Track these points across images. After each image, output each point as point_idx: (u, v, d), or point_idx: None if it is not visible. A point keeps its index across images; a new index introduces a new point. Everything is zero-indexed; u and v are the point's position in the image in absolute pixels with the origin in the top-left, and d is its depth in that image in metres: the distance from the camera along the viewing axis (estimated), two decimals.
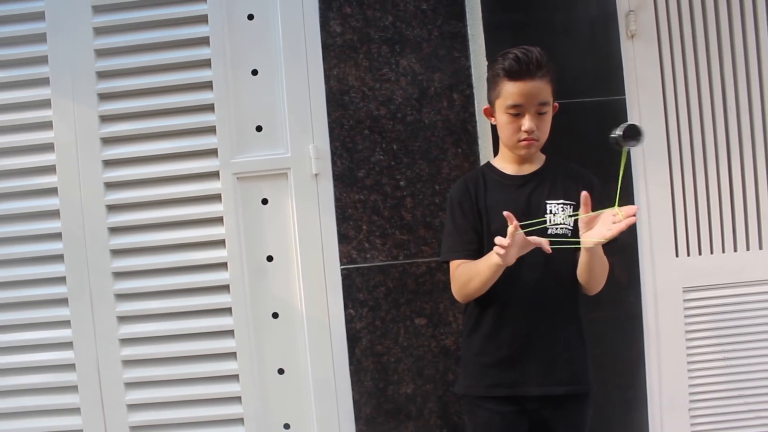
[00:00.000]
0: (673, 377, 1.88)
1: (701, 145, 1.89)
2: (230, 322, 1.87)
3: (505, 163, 1.52)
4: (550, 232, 1.42)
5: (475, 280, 1.42)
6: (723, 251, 1.89)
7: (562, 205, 1.44)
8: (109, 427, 1.89)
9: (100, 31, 1.88)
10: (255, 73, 1.90)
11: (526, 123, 1.41)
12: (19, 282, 1.90)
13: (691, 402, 1.89)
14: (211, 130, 1.88)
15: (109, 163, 1.90)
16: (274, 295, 1.89)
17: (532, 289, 1.43)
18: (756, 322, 1.88)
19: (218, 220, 1.88)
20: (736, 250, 1.89)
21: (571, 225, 1.43)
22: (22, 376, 1.90)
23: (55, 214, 1.89)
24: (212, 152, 1.88)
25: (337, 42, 1.87)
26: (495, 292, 1.43)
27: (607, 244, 1.31)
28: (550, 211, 1.44)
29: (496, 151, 1.59)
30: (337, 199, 1.87)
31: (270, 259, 1.90)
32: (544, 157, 1.52)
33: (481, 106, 1.73)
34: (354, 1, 1.87)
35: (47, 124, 1.89)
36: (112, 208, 1.89)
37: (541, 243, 1.27)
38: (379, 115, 1.87)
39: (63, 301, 1.89)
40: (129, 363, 1.89)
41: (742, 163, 1.88)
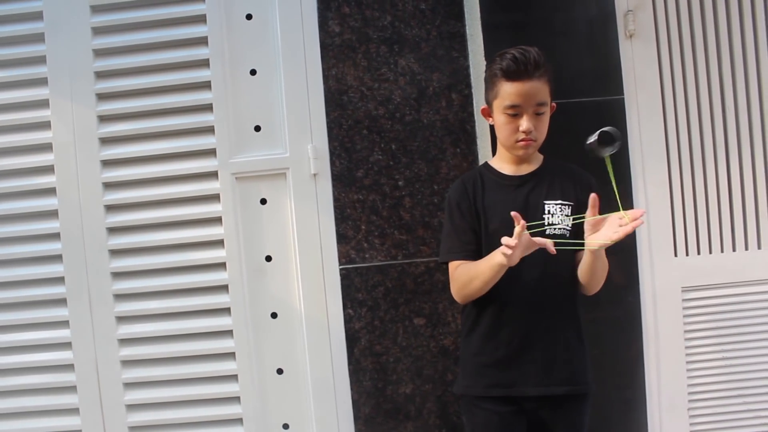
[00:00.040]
0: (672, 377, 1.88)
1: (700, 144, 1.89)
2: (229, 322, 1.87)
3: (502, 164, 1.52)
4: (548, 232, 1.41)
5: (476, 281, 1.41)
6: (722, 251, 1.89)
7: (560, 206, 1.44)
8: (108, 428, 1.89)
9: (98, 31, 1.88)
10: (253, 73, 1.89)
11: (524, 123, 1.41)
12: (18, 282, 1.90)
13: (690, 402, 1.89)
14: (209, 130, 1.88)
15: (108, 163, 1.90)
16: (272, 295, 1.89)
17: (531, 289, 1.43)
18: (755, 322, 1.88)
19: (217, 220, 1.88)
20: (734, 249, 1.89)
21: (569, 225, 1.42)
22: (21, 377, 1.90)
23: (53, 214, 1.89)
24: (211, 152, 1.88)
25: (336, 42, 1.87)
26: (494, 292, 1.42)
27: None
28: (548, 212, 1.44)
29: (495, 151, 1.59)
30: (336, 199, 1.87)
31: (269, 259, 1.90)
32: (541, 158, 1.52)
33: (479, 106, 1.73)
34: (352, 1, 1.87)
35: (45, 124, 1.89)
36: (111, 208, 1.89)
37: (546, 244, 1.28)
38: (378, 115, 1.87)
39: (62, 302, 1.89)
40: (128, 363, 1.89)
41: (740, 163, 1.88)
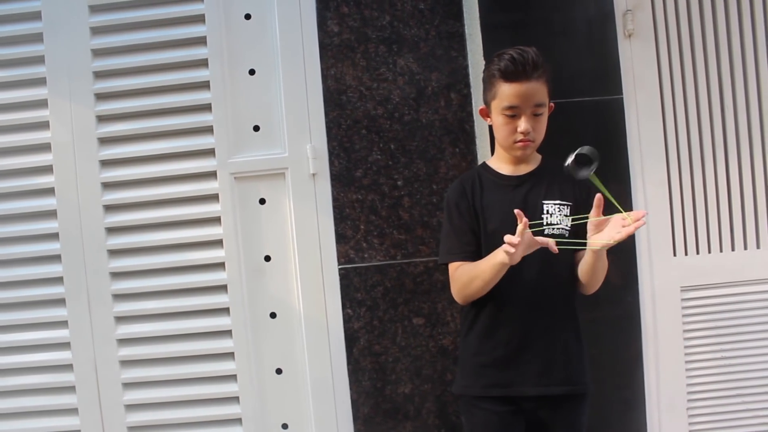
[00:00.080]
0: (671, 377, 1.87)
1: (699, 144, 1.89)
2: (228, 322, 1.87)
3: (500, 164, 1.52)
4: (547, 232, 1.41)
5: (477, 281, 1.41)
6: (721, 251, 1.89)
7: (558, 206, 1.44)
8: (107, 428, 1.89)
9: (97, 31, 1.88)
10: (252, 72, 1.89)
11: (522, 124, 1.41)
12: (17, 282, 1.90)
13: (689, 401, 1.89)
14: (208, 130, 1.88)
15: (106, 163, 1.90)
16: (271, 295, 1.89)
17: (530, 289, 1.43)
18: (754, 322, 1.88)
19: (216, 220, 1.88)
20: (733, 249, 1.89)
21: (568, 225, 1.42)
22: (20, 377, 1.90)
23: (52, 214, 1.89)
24: (209, 152, 1.88)
25: (335, 42, 1.87)
26: (493, 292, 1.42)
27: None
28: (547, 212, 1.43)
29: (494, 151, 1.59)
30: (335, 199, 1.87)
31: (268, 259, 1.89)
32: (539, 157, 1.52)
33: (478, 106, 1.73)
34: (351, 1, 1.87)
35: (44, 124, 1.89)
36: (110, 208, 1.89)
37: (548, 243, 1.28)
38: (377, 115, 1.87)
39: (60, 302, 1.89)
40: (126, 363, 1.88)
41: (739, 163, 1.88)
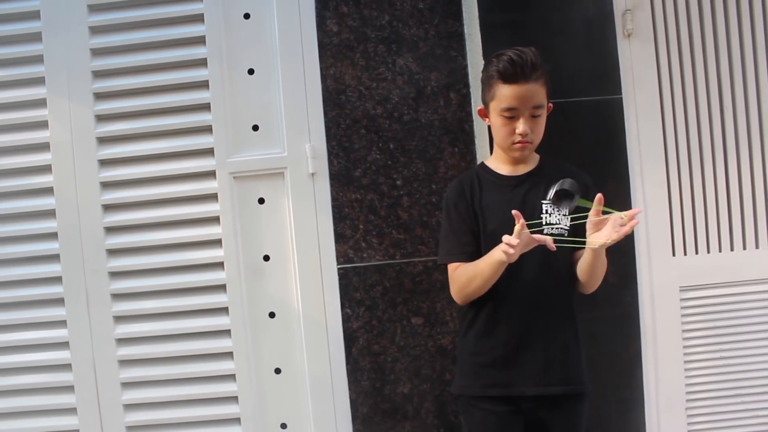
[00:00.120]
0: (670, 377, 1.87)
1: (698, 144, 1.88)
2: (227, 322, 1.87)
3: (499, 164, 1.52)
4: (546, 232, 1.41)
5: (476, 280, 1.41)
6: (720, 250, 1.89)
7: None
8: (106, 427, 1.88)
9: (95, 30, 1.88)
10: (251, 72, 1.89)
11: (521, 126, 1.40)
12: (15, 282, 1.89)
13: (688, 401, 1.88)
14: (207, 130, 1.88)
15: (105, 163, 1.89)
16: (270, 294, 1.89)
17: (529, 289, 1.43)
18: (753, 322, 1.88)
19: (215, 220, 1.88)
20: (732, 249, 1.89)
21: (567, 225, 1.42)
22: (18, 376, 1.89)
23: (50, 213, 1.89)
24: (208, 152, 1.88)
25: (334, 41, 1.87)
26: (492, 292, 1.43)
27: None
28: (546, 211, 1.43)
29: (493, 151, 1.59)
30: (334, 199, 1.87)
31: (267, 258, 1.89)
32: (538, 157, 1.52)
33: (477, 106, 1.73)
34: (350, 1, 1.86)
35: (43, 124, 1.89)
36: (108, 207, 1.89)
37: (546, 241, 1.28)
38: (376, 115, 1.87)
39: (59, 301, 1.89)
40: (125, 363, 1.88)
41: (738, 163, 1.88)
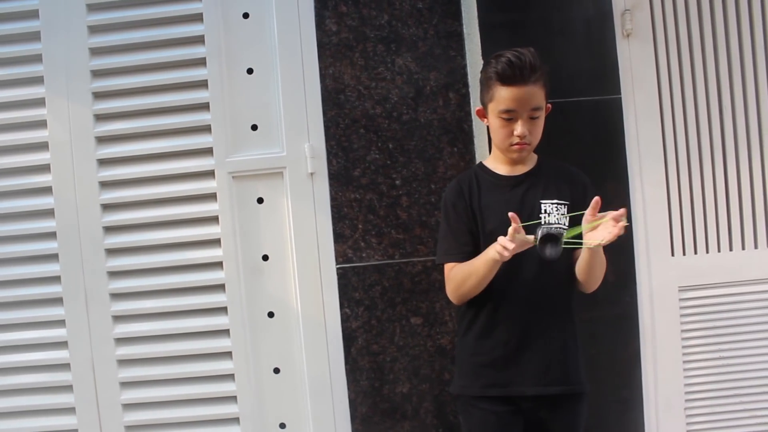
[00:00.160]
0: (669, 376, 1.87)
1: (697, 144, 1.88)
2: (226, 322, 1.87)
3: (497, 164, 1.52)
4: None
5: (471, 279, 1.42)
6: (719, 251, 1.89)
7: (556, 205, 1.44)
8: (104, 427, 1.88)
9: (94, 30, 1.87)
10: (250, 71, 1.89)
11: (519, 128, 1.40)
12: (14, 281, 1.89)
13: (687, 401, 1.88)
14: (206, 129, 1.88)
15: (104, 162, 1.89)
16: (269, 294, 1.89)
17: (529, 289, 1.43)
18: (751, 322, 1.88)
19: (214, 219, 1.88)
20: (731, 249, 1.89)
21: (566, 225, 1.42)
22: (17, 376, 1.89)
23: (49, 213, 1.89)
24: (207, 151, 1.88)
25: (333, 41, 1.87)
26: (491, 292, 1.43)
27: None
28: (545, 211, 1.44)
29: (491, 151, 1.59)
30: (333, 198, 1.87)
31: (265, 258, 1.89)
32: (536, 157, 1.52)
33: (476, 106, 1.72)
34: (350, 0, 1.86)
35: (42, 123, 1.88)
36: (107, 207, 1.89)
37: None
38: (375, 114, 1.87)
39: (58, 301, 1.89)
40: (124, 362, 1.88)
41: (737, 163, 1.88)
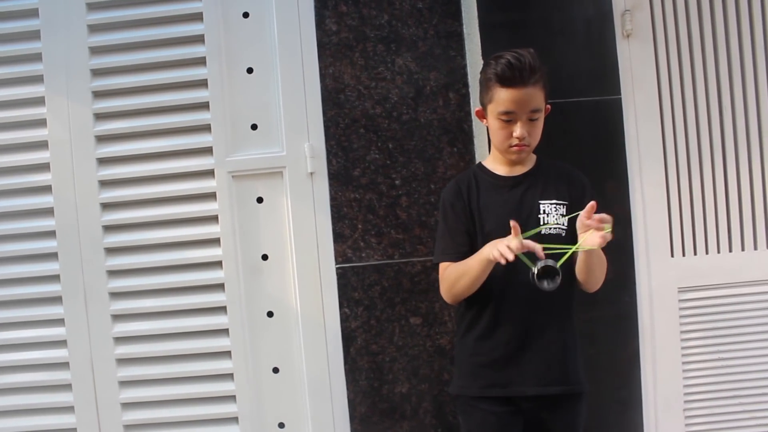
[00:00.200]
0: (668, 377, 1.87)
1: (697, 145, 1.88)
2: (225, 321, 1.87)
3: (496, 164, 1.52)
4: (543, 232, 1.41)
5: (464, 278, 1.42)
6: (718, 251, 1.89)
7: (554, 205, 1.44)
8: (103, 426, 1.88)
9: (94, 29, 1.87)
10: (250, 71, 1.89)
11: (518, 130, 1.40)
12: (13, 280, 1.89)
13: (686, 402, 1.88)
14: (206, 128, 1.88)
15: (104, 161, 1.89)
16: (269, 293, 1.89)
17: (528, 289, 1.41)
18: (751, 323, 1.88)
19: (213, 219, 1.88)
20: (731, 250, 1.89)
21: (565, 225, 1.42)
22: (16, 374, 1.89)
23: (49, 211, 1.89)
24: (207, 150, 1.88)
25: (333, 40, 1.87)
26: (491, 292, 1.43)
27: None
28: (544, 211, 1.44)
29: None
30: (333, 198, 1.87)
31: (265, 257, 1.89)
32: (535, 158, 1.52)
33: (476, 106, 1.72)
34: (350, 0, 1.86)
35: (41, 122, 1.88)
36: (107, 206, 1.89)
37: (536, 249, 1.28)
38: (375, 114, 1.87)
39: (57, 299, 1.88)
40: (123, 361, 1.88)
41: (737, 163, 1.88)
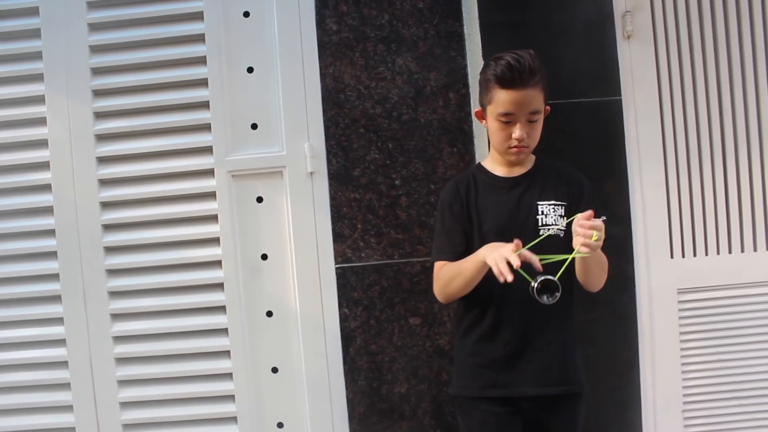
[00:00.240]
0: (667, 378, 1.87)
1: (697, 146, 1.88)
2: (224, 320, 1.87)
3: (495, 165, 1.52)
4: (542, 233, 1.41)
5: (459, 279, 1.42)
6: (718, 253, 1.89)
7: (553, 206, 1.44)
8: (102, 425, 1.88)
9: (94, 28, 1.87)
10: (250, 70, 1.89)
11: (517, 131, 1.40)
12: (13, 279, 1.89)
13: (685, 403, 1.88)
14: (206, 128, 1.88)
15: (103, 160, 1.89)
16: (268, 293, 1.89)
17: (527, 290, 1.43)
18: (750, 324, 1.88)
19: (213, 218, 1.88)
20: (731, 251, 1.89)
21: (563, 225, 1.42)
22: (15, 373, 1.89)
23: (48, 210, 1.88)
24: (207, 150, 1.88)
25: (333, 40, 1.87)
26: (490, 293, 1.43)
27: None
28: (542, 212, 1.43)
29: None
30: (332, 198, 1.87)
31: (264, 257, 1.89)
32: (534, 158, 1.52)
33: (476, 107, 1.72)
34: (350, 0, 1.86)
35: (41, 121, 1.88)
36: (106, 205, 1.89)
37: (533, 261, 1.28)
38: (375, 114, 1.87)
39: (56, 298, 1.88)
40: (122, 360, 1.88)
41: (737, 165, 1.88)
